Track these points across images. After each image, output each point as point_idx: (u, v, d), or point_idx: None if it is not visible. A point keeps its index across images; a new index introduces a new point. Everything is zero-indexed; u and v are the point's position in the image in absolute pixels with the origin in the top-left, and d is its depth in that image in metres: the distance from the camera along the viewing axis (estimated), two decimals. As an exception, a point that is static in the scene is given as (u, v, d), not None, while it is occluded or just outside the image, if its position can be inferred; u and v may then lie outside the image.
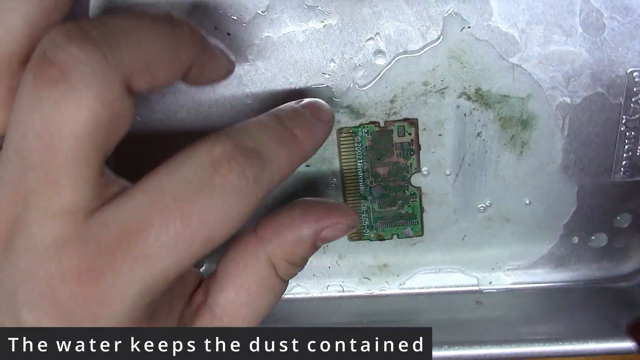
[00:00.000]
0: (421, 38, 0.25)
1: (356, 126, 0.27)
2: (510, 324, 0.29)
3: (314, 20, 0.25)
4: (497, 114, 0.26)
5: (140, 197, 0.17)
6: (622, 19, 0.24)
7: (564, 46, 0.25)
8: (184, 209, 0.17)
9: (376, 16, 0.25)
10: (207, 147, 0.18)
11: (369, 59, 0.25)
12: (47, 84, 0.16)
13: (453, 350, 0.27)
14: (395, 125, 0.26)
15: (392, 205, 0.28)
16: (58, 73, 0.16)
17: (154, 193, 0.17)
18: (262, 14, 0.25)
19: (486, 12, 0.25)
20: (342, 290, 0.30)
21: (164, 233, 0.17)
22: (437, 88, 0.26)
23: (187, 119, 0.27)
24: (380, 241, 0.29)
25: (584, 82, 0.25)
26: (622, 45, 0.25)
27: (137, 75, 0.17)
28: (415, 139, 0.27)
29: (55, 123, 0.16)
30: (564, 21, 0.25)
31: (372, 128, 0.27)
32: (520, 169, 0.27)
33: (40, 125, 0.16)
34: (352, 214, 0.21)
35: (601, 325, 0.28)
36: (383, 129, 0.27)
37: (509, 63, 0.25)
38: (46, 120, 0.16)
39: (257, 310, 0.21)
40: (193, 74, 0.20)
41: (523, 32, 0.25)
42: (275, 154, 0.19)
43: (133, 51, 0.17)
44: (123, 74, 0.16)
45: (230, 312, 0.20)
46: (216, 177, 0.17)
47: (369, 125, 0.27)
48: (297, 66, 0.26)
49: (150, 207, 0.17)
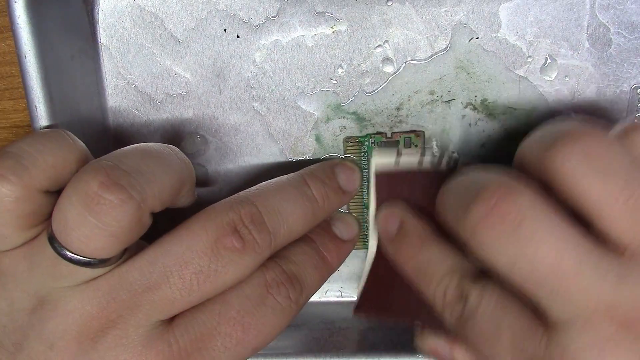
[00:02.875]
0: (429, 47, 0.25)
1: (363, 136, 0.27)
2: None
3: (324, 26, 0.25)
4: (502, 125, 0.26)
5: (212, 307, 0.22)
6: (628, 35, 0.25)
7: (570, 60, 0.25)
8: (245, 321, 0.22)
9: (385, 24, 0.25)
10: (261, 271, 0.23)
11: (377, 66, 0.26)
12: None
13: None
14: (402, 136, 0.27)
15: (395, 213, 0.28)
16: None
17: (222, 304, 0.22)
18: (273, 18, 0.25)
19: (495, 23, 0.25)
20: (340, 295, 0.30)
21: (228, 340, 0.22)
22: (444, 97, 0.26)
23: (194, 119, 0.27)
24: None
25: (589, 96, 0.26)
26: (627, 61, 0.25)
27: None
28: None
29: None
30: (571, 35, 0.25)
31: (379, 138, 0.27)
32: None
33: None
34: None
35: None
36: (389, 140, 0.27)
37: (515, 75, 0.25)
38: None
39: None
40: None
41: (530, 45, 0.25)
42: (311, 278, 0.24)
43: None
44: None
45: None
46: (269, 297, 0.22)
47: (375, 135, 0.27)
48: (305, 71, 0.26)
49: (219, 316, 0.22)
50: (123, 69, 0.26)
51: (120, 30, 0.26)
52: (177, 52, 0.26)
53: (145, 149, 0.22)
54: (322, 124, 0.27)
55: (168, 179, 0.21)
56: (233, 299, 0.22)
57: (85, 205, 0.19)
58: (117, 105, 0.27)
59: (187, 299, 0.21)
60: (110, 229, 0.19)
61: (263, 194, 0.23)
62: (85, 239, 0.20)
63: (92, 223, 0.19)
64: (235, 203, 0.22)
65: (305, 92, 0.26)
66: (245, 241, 0.22)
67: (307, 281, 0.24)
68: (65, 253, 0.20)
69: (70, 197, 0.20)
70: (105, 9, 0.25)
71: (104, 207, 0.19)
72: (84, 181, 0.19)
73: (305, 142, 0.27)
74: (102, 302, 0.21)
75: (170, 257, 0.21)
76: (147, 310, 0.21)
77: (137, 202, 0.20)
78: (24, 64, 0.23)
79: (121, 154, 0.21)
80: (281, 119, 0.27)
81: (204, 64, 0.26)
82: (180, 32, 0.25)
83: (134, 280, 0.21)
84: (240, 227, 0.22)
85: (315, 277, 0.24)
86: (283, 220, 0.23)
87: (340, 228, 0.26)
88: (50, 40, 0.23)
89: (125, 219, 0.19)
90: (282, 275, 0.23)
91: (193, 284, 0.21)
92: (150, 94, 0.26)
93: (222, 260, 0.21)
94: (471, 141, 0.27)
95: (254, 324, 0.22)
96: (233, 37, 0.25)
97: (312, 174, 0.25)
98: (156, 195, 0.20)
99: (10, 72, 0.27)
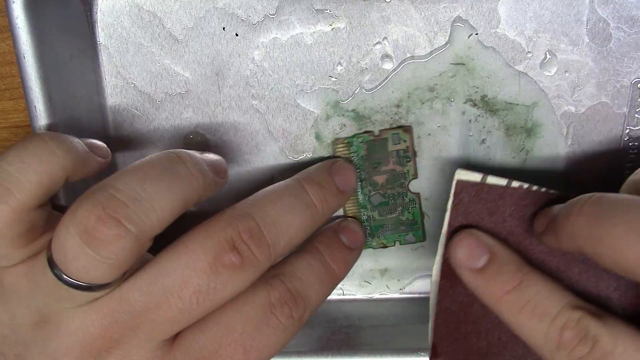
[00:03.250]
0: (428, 44, 0.25)
1: (350, 137, 0.27)
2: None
3: (322, 23, 0.25)
4: (502, 121, 0.26)
5: (215, 329, 0.22)
6: (628, 30, 0.25)
7: (570, 55, 0.25)
8: (246, 343, 0.22)
9: (384, 21, 0.25)
10: (265, 291, 0.23)
11: (376, 63, 0.26)
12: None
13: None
14: (389, 133, 0.26)
15: (392, 212, 0.28)
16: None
17: (225, 327, 0.22)
18: (271, 16, 0.25)
19: (494, 19, 0.25)
20: (342, 293, 0.30)
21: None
22: (443, 94, 0.26)
23: (193, 118, 0.27)
24: (383, 248, 0.29)
25: (589, 91, 0.26)
26: (627, 55, 0.25)
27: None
28: (410, 145, 0.27)
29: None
30: (571, 30, 0.25)
31: (367, 137, 0.27)
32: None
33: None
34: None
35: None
36: (377, 138, 0.27)
37: (515, 71, 0.25)
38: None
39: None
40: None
41: (530, 40, 0.25)
42: (316, 293, 0.24)
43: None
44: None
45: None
46: (272, 318, 0.22)
47: (363, 134, 0.27)
48: (304, 68, 0.26)
49: (221, 339, 0.22)
50: (122, 69, 0.26)
51: (119, 30, 0.26)
52: (176, 51, 0.26)
53: (145, 170, 0.21)
54: (321, 121, 0.27)
55: (169, 203, 0.20)
56: (235, 320, 0.22)
57: (83, 239, 0.19)
58: (116, 105, 0.26)
59: (187, 317, 0.21)
60: (109, 261, 0.19)
61: (261, 205, 0.23)
62: (84, 269, 0.20)
63: (91, 256, 0.19)
64: (233, 218, 0.22)
65: (305, 90, 0.26)
66: (244, 257, 0.21)
67: (312, 298, 0.24)
68: (65, 279, 0.20)
69: (67, 227, 0.19)
70: (103, 9, 0.25)
71: (101, 241, 0.19)
72: (80, 215, 0.19)
73: (305, 140, 0.27)
74: (105, 323, 0.21)
75: (169, 276, 0.21)
76: (149, 331, 0.21)
77: (135, 235, 0.20)
78: (23, 64, 0.23)
79: (119, 178, 0.20)
80: (281, 117, 0.26)
81: (203, 62, 0.26)
82: (179, 31, 0.25)
83: (135, 302, 0.21)
84: (239, 244, 0.21)
85: (321, 291, 0.24)
86: (282, 232, 0.22)
87: (347, 236, 0.26)
88: (49, 40, 0.23)
89: (123, 252, 0.20)
90: (287, 294, 0.23)
91: (192, 303, 0.21)
92: (150, 93, 0.26)
93: (221, 277, 0.21)
94: (471, 138, 0.27)
95: (256, 345, 0.22)
96: (232, 36, 0.25)
97: (309, 178, 0.24)
98: (155, 224, 0.20)
99: (10, 72, 0.27)
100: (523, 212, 0.23)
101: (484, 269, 0.23)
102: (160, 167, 0.21)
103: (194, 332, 0.22)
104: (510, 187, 0.23)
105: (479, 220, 0.24)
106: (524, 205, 0.23)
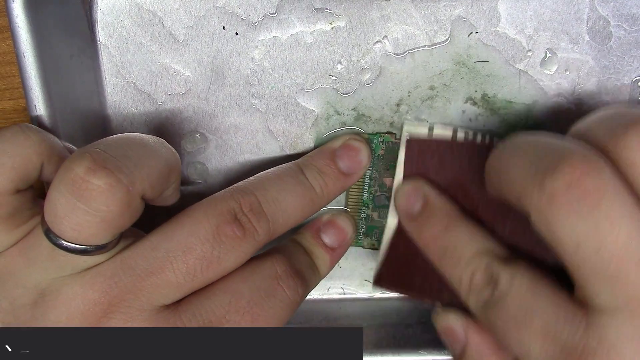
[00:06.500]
0: (428, 42, 0.25)
1: (372, 134, 0.27)
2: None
3: (322, 22, 0.25)
4: (502, 119, 0.26)
5: (222, 296, 0.22)
6: (628, 28, 0.25)
7: (570, 53, 0.25)
8: (254, 311, 0.22)
9: (384, 19, 0.25)
10: (272, 263, 0.23)
11: (376, 62, 0.26)
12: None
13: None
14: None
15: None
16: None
17: (233, 294, 0.22)
18: (271, 15, 0.25)
19: (494, 17, 0.25)
20: (342, 292, 0.30)
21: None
22: (443, 93, 0.26)
23: (193, 117, 0.27)
24: (373, 250, 0.28)
25: (590, 89, 0.26)
26: (628, 53, 0.25)
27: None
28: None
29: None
30: (571, 28, 0.25)
31: (388, 138, 0.26)
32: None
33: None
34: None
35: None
36: (398, 141, 0.26)
37: (515, 69, 0.25)
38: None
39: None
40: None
41: (530, 39, 0.25)
42: (311, 279, 0.25)
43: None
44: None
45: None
46: (278, 289, 0.23)
47: (385, 134, 0.27)
48: (304, 67, 0.26)
49: (229, 305, 0.22)
50: (122, 68, 0.26)
51: (119, 29, 0.26)
52: (176, 50, 0.26)
53: (130, 136, 0.21)
54: (322, 120, 0.27)
55: (155, 163, 0.21)
56: (243, 289, 0.22)
57: (73, 192, 0.19)
58: (116, 104, 0.27)
59: (191, 284, 0.21)
60: (100, 214, 0.19)
61: (262, 184, 0.23)
62: (77, 226, 0.19)
63: (82, 209, 0.19)
64: (236, 192, 0.23)
65: (305, 89, 0.26)
66: (246, 229, 0.22)
67: (310, 280, 0.25)
68: (60, 242, 0.20)
69: (58, 186, 0.19)
70: (103, 8, 0.25)
71: (92, 192, 0.19)
72: (70, 168, 0.19)
73: (306, 139, 0.27)
74: (105, 287, 0.21)
75: (173, 242, 0.21)
76: (151, 295, 0.21)
77: (126, 186, 0.19)
78: (23, 63, 0.23)
79: (107, 141, 0.21)
80: (281, 116, 0.26)
81: (203, 61, 0.26)
82: (179, 30, 0.25)
83: (137, 265, 0.21)
84: (241, 216, 0.22)
85: (312, 280, 0.25)
86: (281, 209, 0.23)
87: (329, 235, 0.26)
88: (49, 40, 0.23)
89: (114, 204, 0.19)
90: (292, 269, 0.24)
91: (197, 270, 0.21)
92: (150, 92, 0.26)
93: (224, 246, 0.22)
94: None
95: (263, 314, 0.22)
96: (232, 35, 0.25)
97: (309, 163, 0.25)
98: (145, 179, 0.20)
99: (10, 72, 0.27)
100: (469, 163, 0.24)
101: (418, 215, 0.24)
102: (143, 136, 0.22)
103: (199, 298, 0.22)
104: (457, 141, 0.24)
105: (428, 173, 0.25)
106: (470, 156, 0.24)
